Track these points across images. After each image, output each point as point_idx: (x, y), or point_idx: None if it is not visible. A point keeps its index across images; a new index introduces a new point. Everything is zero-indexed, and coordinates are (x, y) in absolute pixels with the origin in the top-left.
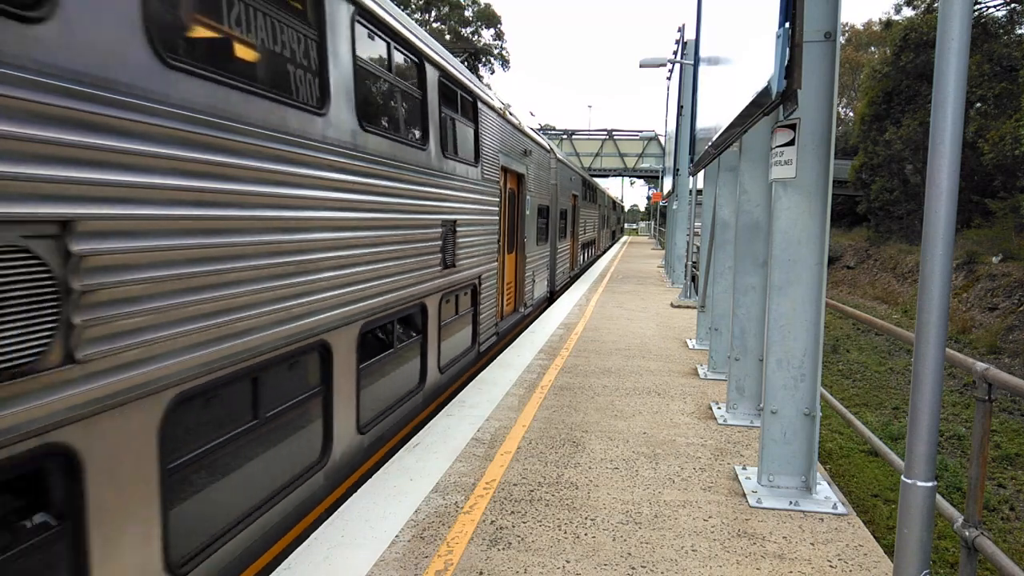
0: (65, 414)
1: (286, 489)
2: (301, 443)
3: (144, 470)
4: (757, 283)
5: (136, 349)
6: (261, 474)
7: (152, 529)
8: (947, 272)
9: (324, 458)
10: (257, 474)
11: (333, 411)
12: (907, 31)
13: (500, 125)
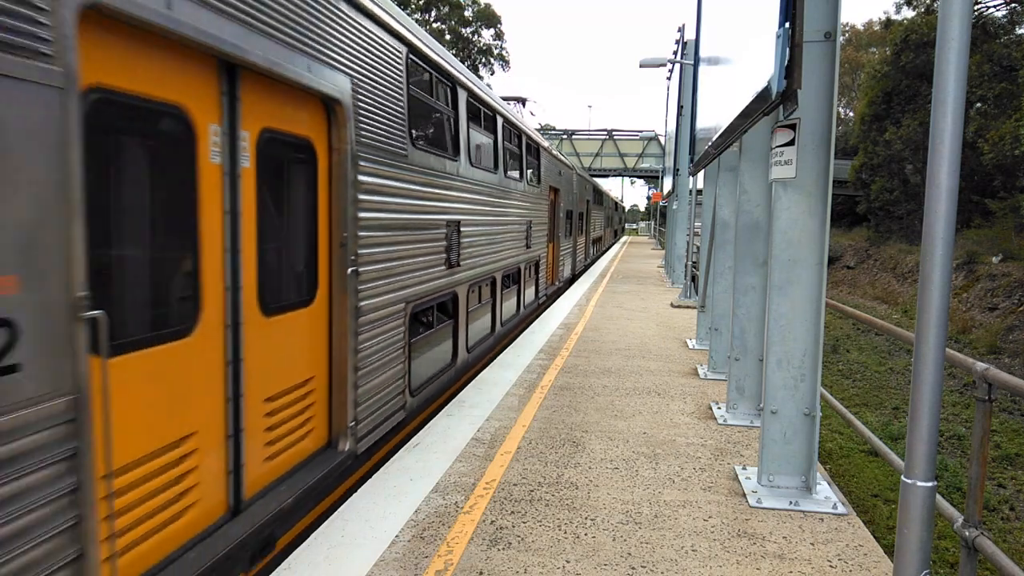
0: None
1: (451, 359)
2: (449, 341)
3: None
4: (757, 283)
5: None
6: (438, 350)
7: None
8: (947, 272)
9: (454, 360)
10: (437, 350)
11: (465, 329)
12: (907, 31)
13: (549, 158)
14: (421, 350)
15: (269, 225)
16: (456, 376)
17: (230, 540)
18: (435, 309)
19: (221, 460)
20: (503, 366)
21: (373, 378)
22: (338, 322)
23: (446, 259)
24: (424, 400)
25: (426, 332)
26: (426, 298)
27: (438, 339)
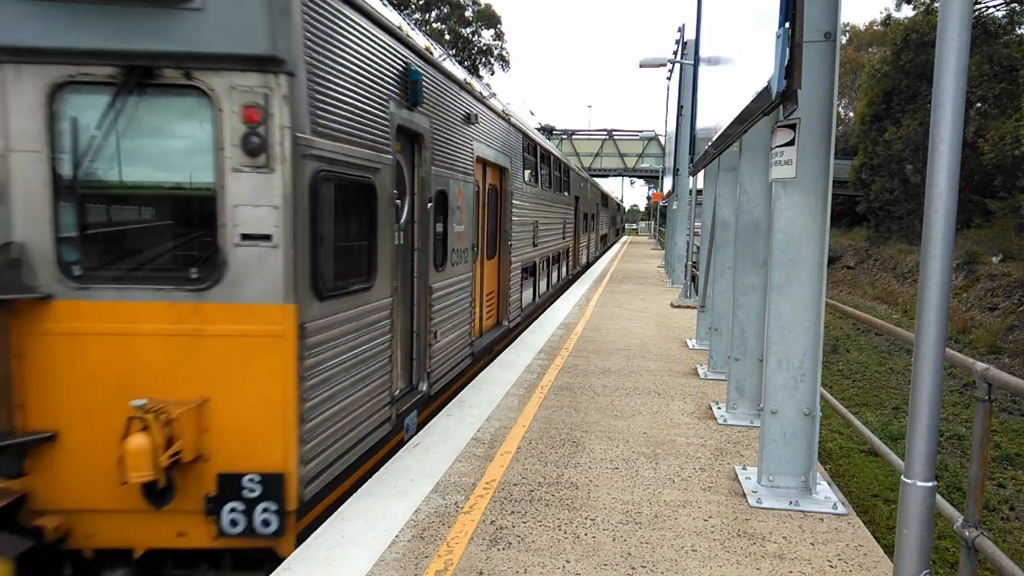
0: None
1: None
2: (531, 289)
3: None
4: (757, 283)
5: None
6: (528, 292)
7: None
8: (947, 272)
9: (534, 298)
10: (528, 292)
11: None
12: (907, 31)
13: (574, 175)
14: (524, 288)
15: (490, 220)
16: (533, 306)
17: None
18: (528, 269)
19: (484, 309)
20: (503, 366)
21: (512, 295)
22: (503, 268)
23: (532, 242)
24: (525, 312)
25: (526, 279)
26: (527, 262)
27: (528, 285)
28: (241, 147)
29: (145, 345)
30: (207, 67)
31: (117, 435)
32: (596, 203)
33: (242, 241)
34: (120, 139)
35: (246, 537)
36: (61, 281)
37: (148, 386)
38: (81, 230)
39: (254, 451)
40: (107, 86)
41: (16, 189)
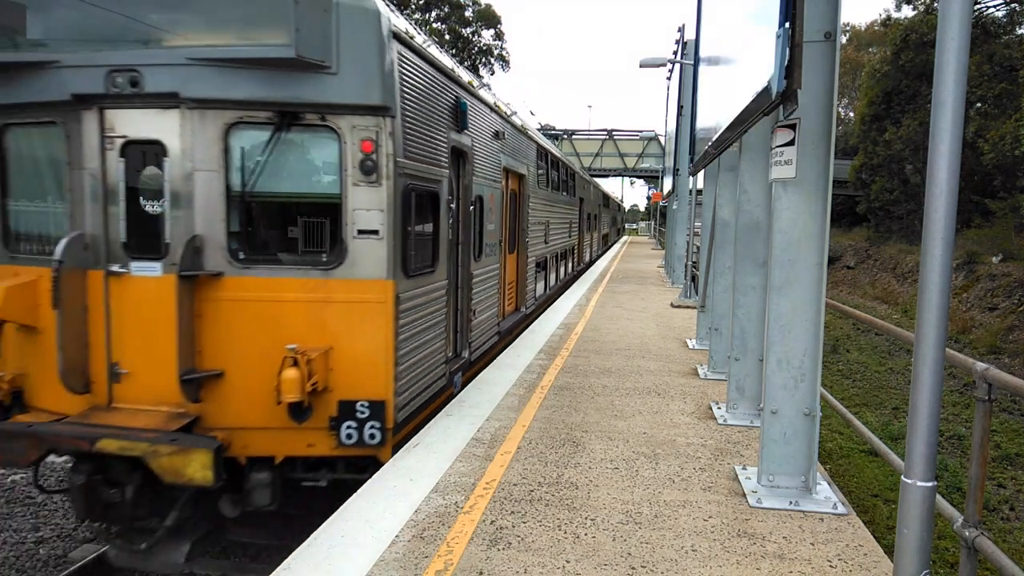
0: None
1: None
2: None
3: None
4: (757, 283)
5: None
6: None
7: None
8: (947, 272)
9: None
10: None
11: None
12: (907, 31)
13: (580, 179)
14: (537, 280)
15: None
16: (545, 296)
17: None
18: (541, 264)
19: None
20: (503, 366)
21: (528, 286)
22: (521, 261)
23: (545, 240)
24: (538, 301)
25: (539, 272)
26: (540, 257)
27: (540, 277)
28: (359, 168)
29: (288, 308)
30: (337, 112)
31: (267, 374)
32: (598, 204)
33: (358, 235)
34: (273, 162)
35: (357, 447)
36: (229, 262)
37: (290, 338)
38: (244, 226)
39: (364, 385)
40: (266, 125)
41: (199, 198)
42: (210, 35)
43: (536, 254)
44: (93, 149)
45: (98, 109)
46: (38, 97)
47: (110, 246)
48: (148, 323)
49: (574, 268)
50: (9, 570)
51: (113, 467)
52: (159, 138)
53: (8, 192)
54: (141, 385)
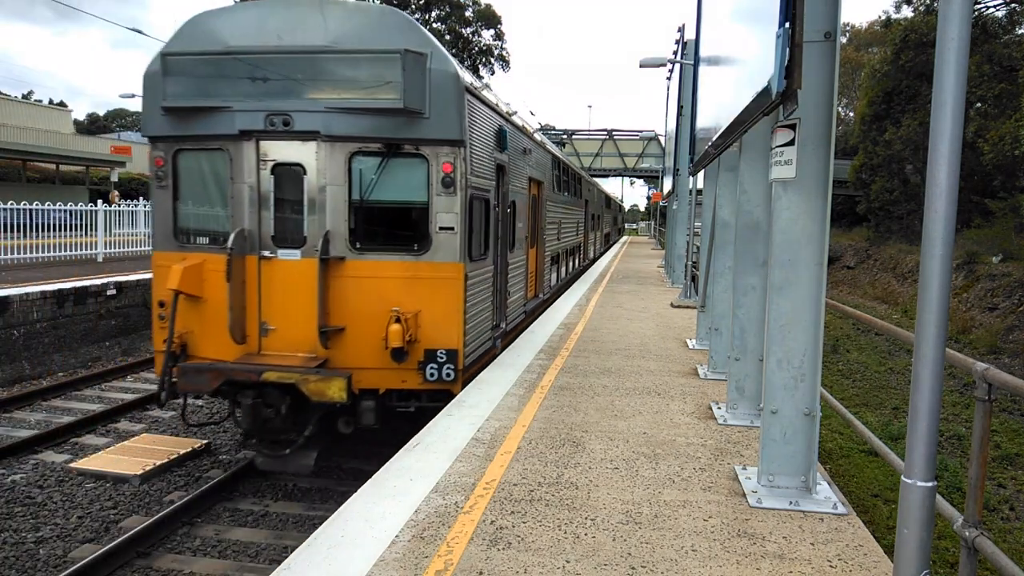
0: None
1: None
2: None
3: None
4: (757, 283)
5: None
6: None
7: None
8: (947, 272)
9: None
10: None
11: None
12: (907, 31)
13: (585, 182)
14: (551, 272)
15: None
16: (556, 286)
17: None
18: (554, 258)
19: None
20: (503, 366)
21: (545, 276)
22: (540, 255)
23: (557, 237)
24: (552, 290)
25: (553, 265)
26: (553, 252)
27: (553, 270)
28: (441, 183)
29: (391, 283)
30: (427, 144)
31: (376, 329)
32: (601, 205)
33: (439, 231)
34: (381, 179)
35: (437, 383)
36: (349, 250)
37: (391, 303)
38: (360, 225)
39: (443, 338)
40: (376, 154)
41: (329, 204)
42: (342, 92)
43: (551, 249)
44: (251, 169)
45: (256, 140)
46: (212, 131)
47: (262, 238)
48: (290, 293)
49: (580, 263)
50: (9, 570)
51: (269, 394)
52: (301, 162)
53: (179, 198)
54: (283, 338)
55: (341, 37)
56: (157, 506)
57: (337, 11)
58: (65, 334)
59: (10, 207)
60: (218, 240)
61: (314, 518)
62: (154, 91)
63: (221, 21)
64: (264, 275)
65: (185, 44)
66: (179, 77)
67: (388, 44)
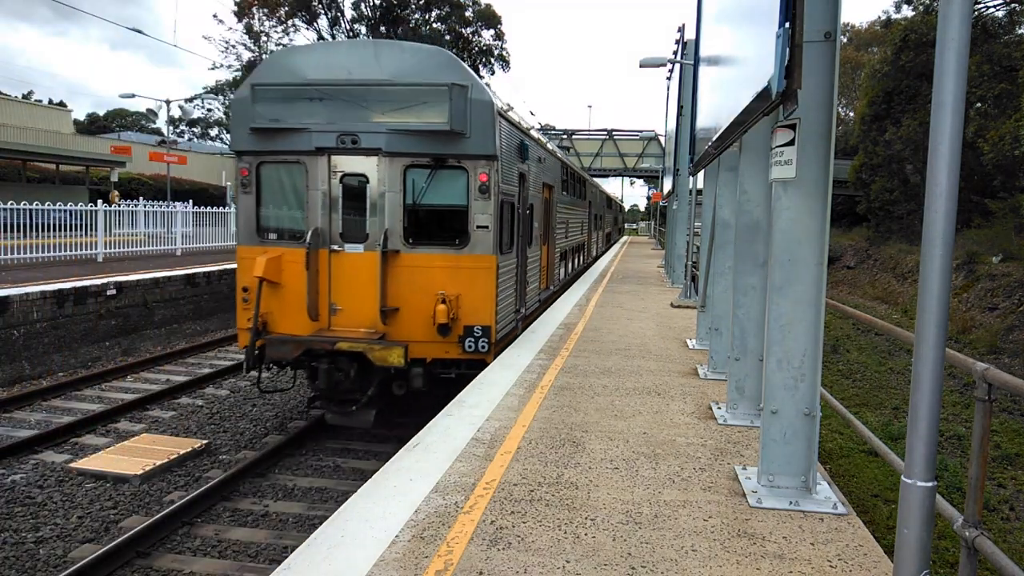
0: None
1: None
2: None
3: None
4: (757, 283)
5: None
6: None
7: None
8: (947, 272)
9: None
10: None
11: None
12: (907, 31)
13: (590, 185)
14: (560, 267)
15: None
16: (565, 281)
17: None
18: (562, 254)
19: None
20: (503, 366)
21: (555, 270)
22: (551, 251)
23: (565, 235)
24: (561, 283)
25: (561, 261)
26: (562, 249)
27: (561, 265)
28: (478, 190)
29: (437, 271)
30: (466, 158)
31: (425, 309)
32: (603, 205)
33: (476, 229)
34: (430, 187)
35: (474, 354)
36: (403, 244)
37: (438, 288)
38: (412, 224)
39: (479, 316)
40: (426, 166)
41: (387, 207)
42: (399, 116)
43: (560, 246)
44: (324, 178)
45: (328, 155)
46: (292, 148)
47: (332, 235)
48: (354, 279)
49: (584, 260)
50: (9, 570)
51: (341, 361)
52: (365, 173)
53: (261, 202)
54: (348, 316)
55: (399, 73)
56: (157, 506)
57: (395, 51)
58: (65, 334)
59: (10, 207)
60: (295, 237)
61: (314, 518)
62: (242, 114)
63: (300, 58)
64: (334, 265)
65: (270, 76)
66: (265, 103)
67: (437, 79)
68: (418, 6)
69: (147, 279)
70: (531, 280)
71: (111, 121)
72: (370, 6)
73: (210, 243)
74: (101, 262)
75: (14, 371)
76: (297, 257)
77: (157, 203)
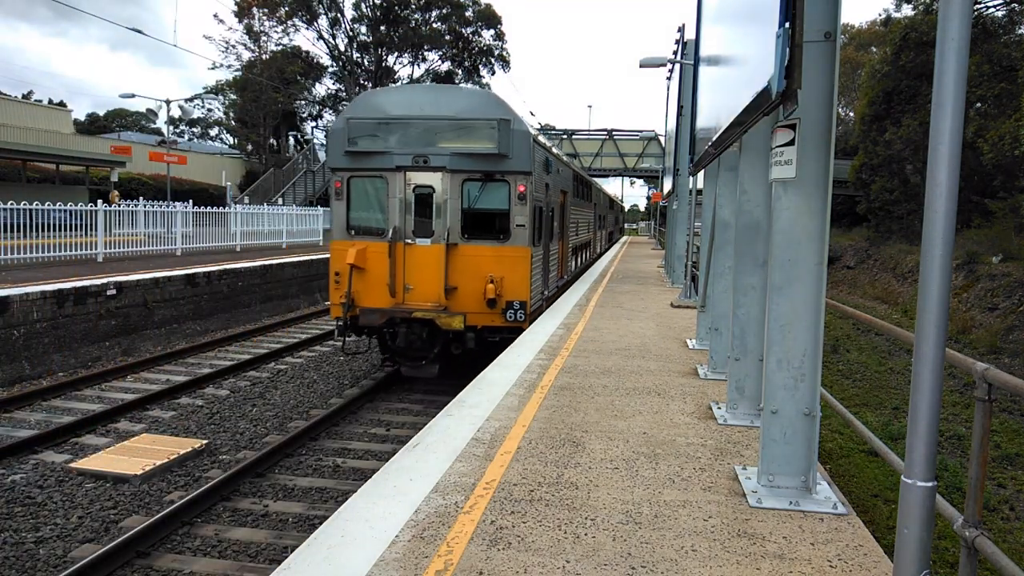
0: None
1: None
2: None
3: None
4: (757, 283)
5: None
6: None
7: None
8: (947, 272)
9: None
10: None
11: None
12: (907, 30)
13: (596, 189)
14: (571, 260)
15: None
16: (571, 276)
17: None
18: (574, 250)
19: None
20: (503, 366)
21: (568, 263)
22: (564, 246)
23: (576, 233)
24: (572, 273)
25: (572, 256)
26: (573, 246)
27: (572, 259)
28: (517, 198)
29: (486, 259)
30: (509, 174)
31: (478, 288)
32: (606, 207)
33: (515, 227)
34: (482, 195)
35: (513, 322)
36: (460, 239)
37: (487, 272)
38: (467, 223)
39: (517, 293)
40: (478, 180)
41: (448, 211)
42: (459, 143)
43: (572, 243)
44: (401, 189)
45: (404, 172)
46: (377, 166)
47: (406, 232)
48: (423, 265)
49: (590, 256)
50: (9, 570)
51: (414, 327)
52: (432, 184)
53: (350, 207)
54: (418, 294)
55: (459, 110)
56: (157, 506)
57: (456, 93)
58: (65, 334)
59: (10, 207)
60: (377, 233)
61: (314, 518)
62: (338, 140)
63: (383, 97)
64: (407, 255)
65: (360, 112)
66: (357, 132)
67: (488, 115)
68: (418, 6)
69: (147, 279)
70: (552, 269)
71: (111, 121)
72: (370, 6)
73: (210, 243)
74: (101, 262)
75: (14, 371)
76: (379, 248)
77: (157, 203)
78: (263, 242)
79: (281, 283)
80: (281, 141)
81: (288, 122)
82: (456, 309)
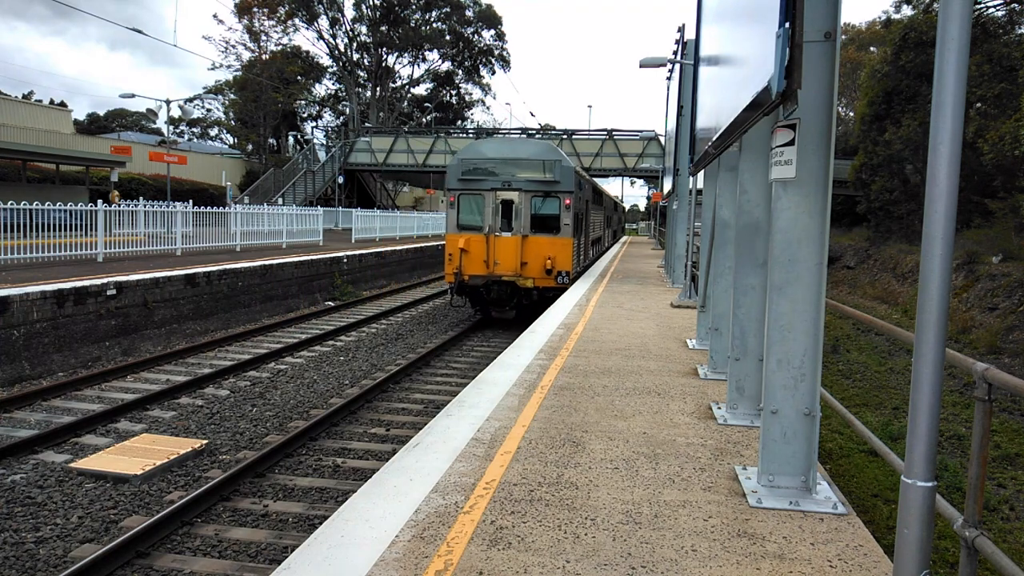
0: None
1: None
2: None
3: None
4: (757, 283)
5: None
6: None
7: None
8: (947, 272)
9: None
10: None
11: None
12: (906, 30)
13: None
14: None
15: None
16: (589, 262)
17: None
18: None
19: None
20: (503, 366)
21: (585, 252)
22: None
23: (592, 230)
24: (588, 261)
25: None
26: (591, 239)
27: (587, 250)
28: (564, 208)
29: (545, 245)
30: (560, 193)
31: (540, 263)
32: (611, 208)
33: (563, 225)
34: (543, 206)
35: (562, 284)
36: (530, 232)
37: (546, 254)
38: (534, 223)
39: (564, 266)
40: (541, 195)
41: (522, 215)
42: (529, 174)
43: (592, 236)
44: (493, 201)
45: (495, 191)
46: (478, 188)
47: (496, 228)
48: (506, 249)
49: (600, 249)
50: (9, 570)
51: (501, 286)
52: (512, 199)
53: (459, 212)
54: (503, 266)
55: (530, 154)
56: (157, 506)
57: (528, 143)
58: (65, 334)
59: (10, 207)
60: (477, 229)
61: (314, 518)
62: (455, 171)
63: (483, 146)
64: (496, 242)
65: (467, 154)
66: (466, 167)
67: (547, 157)
68: (419, 6)
69: (147, 279)
70: (582, 252)
71: (111, 121)
72: (370, 6)
73: (210, 243)
74: (101, 262)
75: (14, 371)
76: (478, 238)
77: (157, 203)
78: (263, 242)
79: (281, 283)
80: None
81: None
82: (527, 275)
